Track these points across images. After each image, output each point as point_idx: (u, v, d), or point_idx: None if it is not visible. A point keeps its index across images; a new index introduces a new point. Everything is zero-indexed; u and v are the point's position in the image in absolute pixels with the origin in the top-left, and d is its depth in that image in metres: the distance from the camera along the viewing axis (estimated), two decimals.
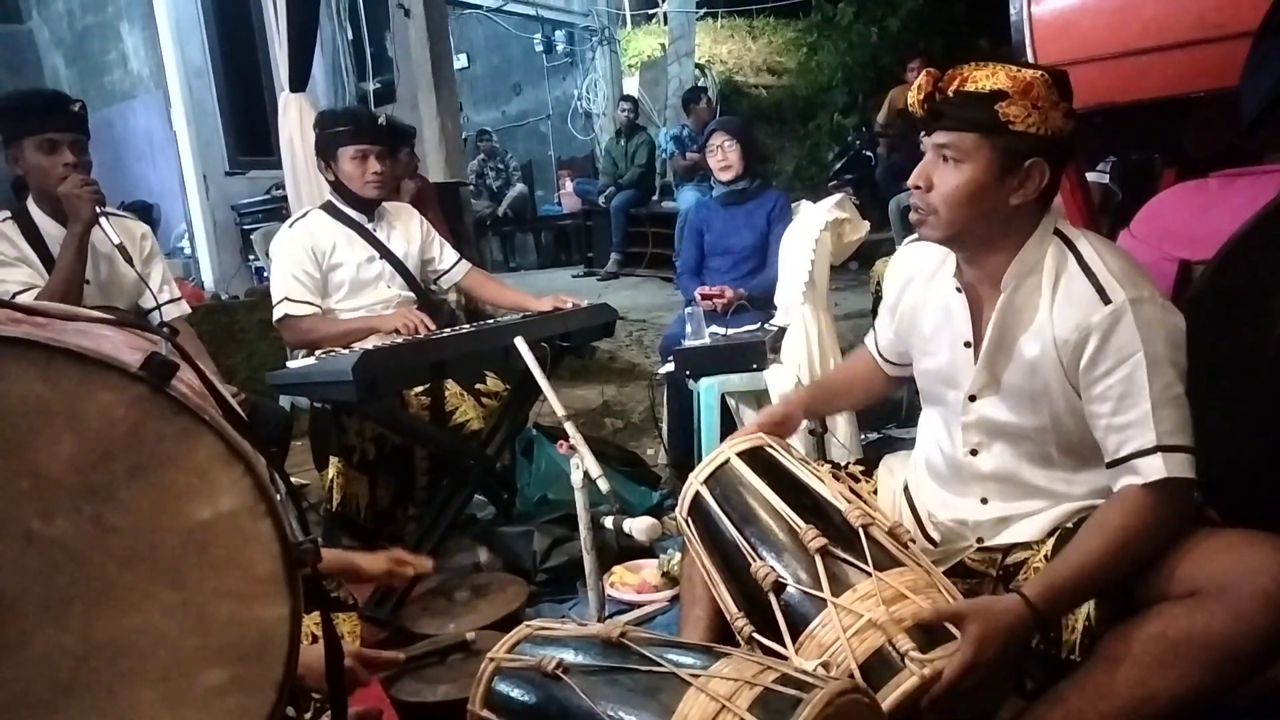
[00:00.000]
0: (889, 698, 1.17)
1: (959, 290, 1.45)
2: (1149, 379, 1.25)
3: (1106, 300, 1.28)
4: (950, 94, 1.32)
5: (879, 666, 1.21)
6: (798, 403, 1.73)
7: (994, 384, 1.42)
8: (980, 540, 1.48)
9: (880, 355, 1.73)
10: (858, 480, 1.67)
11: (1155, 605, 1.22)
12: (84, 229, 2.24)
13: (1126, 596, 1.27)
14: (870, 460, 1.75)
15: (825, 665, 1.23)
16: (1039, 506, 1.43)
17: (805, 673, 1.17)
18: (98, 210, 2.24)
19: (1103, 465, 1.34)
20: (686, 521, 1.53)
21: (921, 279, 1.55)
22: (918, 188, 1.38)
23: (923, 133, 1.41)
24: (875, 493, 1.64)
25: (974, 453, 1.47)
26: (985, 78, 1.29)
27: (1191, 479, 1.26)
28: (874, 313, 3.25)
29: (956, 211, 1.34)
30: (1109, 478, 1.32)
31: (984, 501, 1.48)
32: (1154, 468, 1.25)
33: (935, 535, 1.54)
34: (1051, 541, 1.40)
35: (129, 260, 2.27)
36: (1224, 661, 1.15)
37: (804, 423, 2.31)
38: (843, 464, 1.74)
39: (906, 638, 1.21)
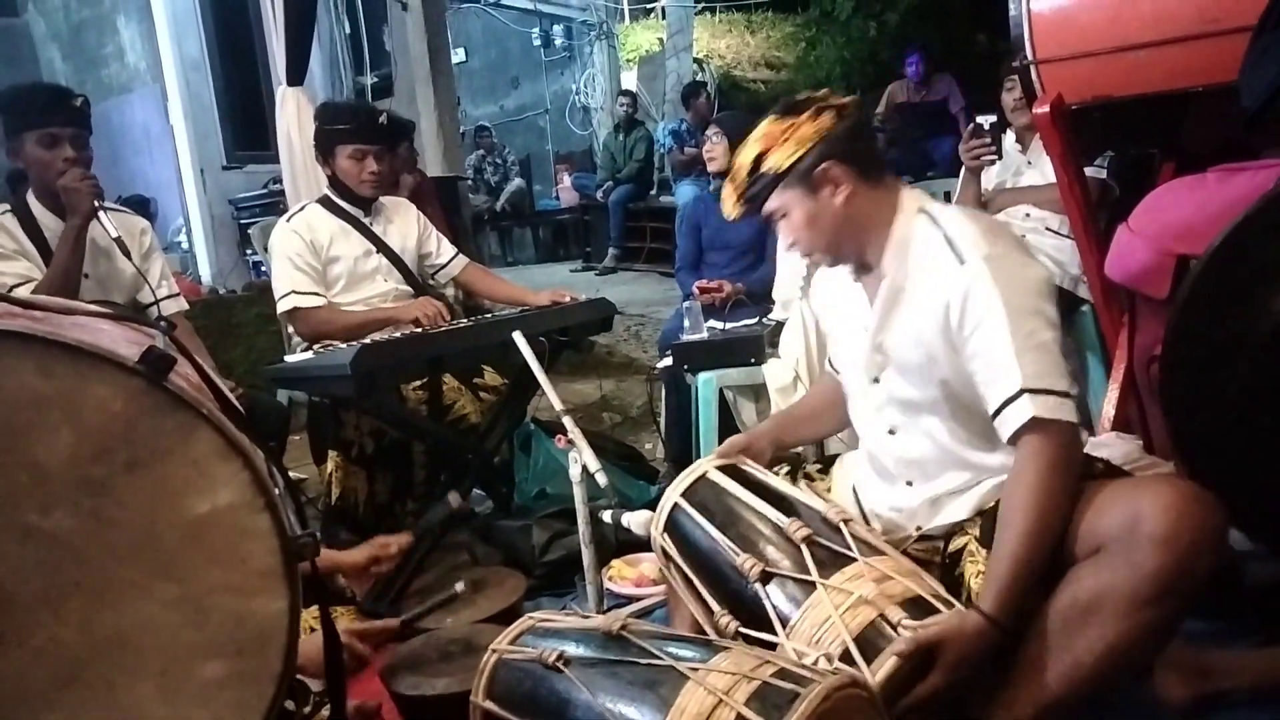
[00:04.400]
0: (886, 664, 1.19)
1: (856, 281, 1.55)
2: (1010, 329, 1.30)
3: (962, 261, 1.35)
4: (743, 179, 1.49)
5: (874, 638, 1.23)
6: (762, 434, 1.75)
7: (887, 362, 1.49)
8: (920, 528, 1.51)
9: (836, 372, 1.77)
10: (813, 480, 1.70)
11: (1070, 571, 1.26)
12: (82, 222, 2.24)
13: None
14: (829, 459, 1.78)
15: (825, 654, 1.24)
16: (961, 481, 1.46)
17: (803, 667, 1.17)
18: (97, 204, 2.24)
19: None
20: (663, 536, 1.55)
21: (833, 288, 1.65)
22: (790, 247, 1.55)
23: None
24: (830, 490, 1.67)
25: (891, 432, 1.52)
26: (743, 155, 1.48)
27: (1068, 421, 1.29)
28: None
29: (817, 238, 1.49)
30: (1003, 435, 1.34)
31: (909, 484, 1.52)
32: (1022, 410, 1.28)
33: (879, 528, 1.57)
34: (980, 522, 1.42)
35: (127, 254, 2.26)
36: (1131, 612, 1.18)
37: None
38: (802, 465, 1.76)
39: (899, 609, 1.24)
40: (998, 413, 1.32)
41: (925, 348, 1.41)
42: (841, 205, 1.44)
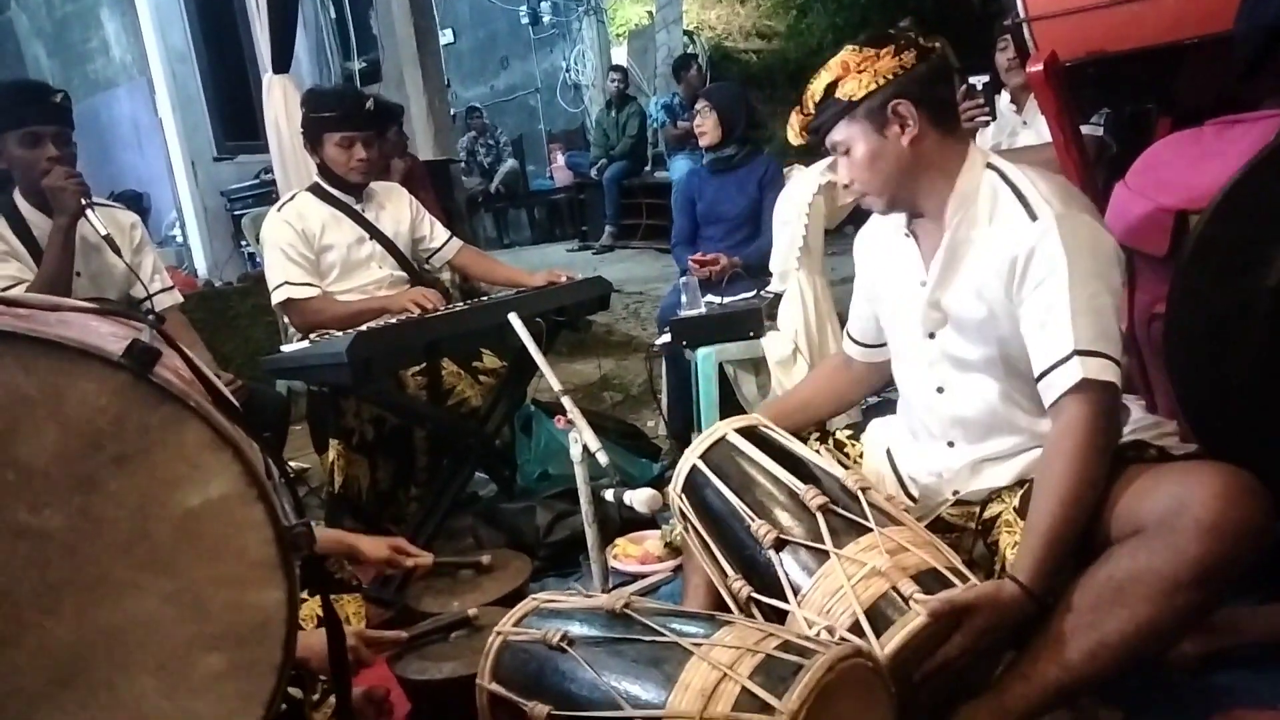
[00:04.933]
0: (896, 637, 1.19)
1: (908, 235, 1.53)
2: (1071, 290, 1.29)
3: (1034, 217, 1.33)
4: (811, 110, 1.48)
5: (885, 609, 1.23)
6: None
7: (945, 317, 1.47)
8: (956, 492, 1.50)
9: (852, 339, 1.76)
10: (843, 445, 1.69)
11: (1106, 549, 1.25)
12: (70, 222, 2.22)
13: (1085, 542, 1.28)
14: (859, 425, 1.76)
15: (829, 625, 1.24)
16: (1005, 446, 1.45)
17: (808, 639, 1.17)
18: (84, 202, 2.22)
19: None
20: (680, 497, 1.55)
21: (880, 244, 1.63)
22: (847, 186, 1.52)
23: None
24: (862, 456, 1.66)
25: (940, 390, 1.50)
26: (816, 82, 1.46)
27: (1113, 384, 1.28)
28: None
29: (875, 179, 1.46)
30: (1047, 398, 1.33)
31: (951, 445, 1.51)
32: (1071, 372, 1.27)
33: (915, 492, 1.56)
34: (1020, 492, 1.42)
35: (117, 251, 2.25)
36: (1167, 595, 1.18)
37: None
38: (830, 430, 1.75)
39: (911, 582, 1.23)
40: (1045, 373, 1.31)
41: (987, 303, 1.39)
42: (907, 147, 1.41)
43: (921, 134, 1.40)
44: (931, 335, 1.49)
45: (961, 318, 1.44)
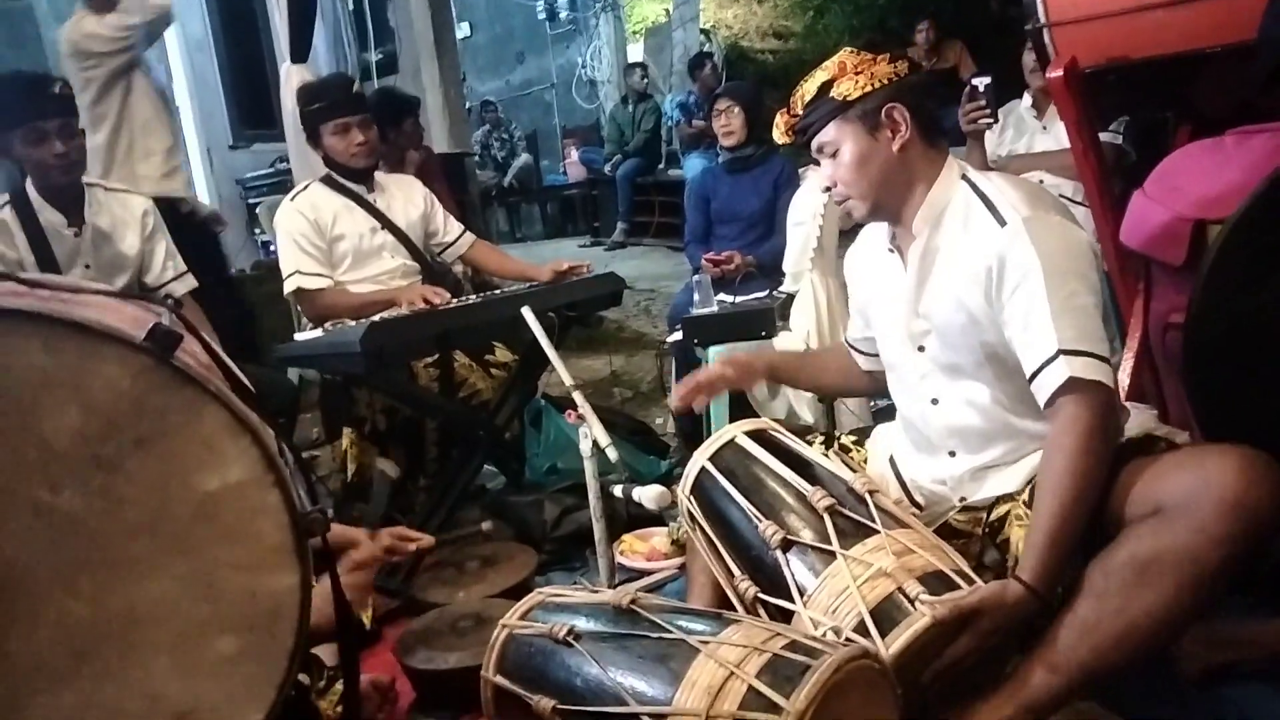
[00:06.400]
0: (901, 637, 1.19)
1: (891, 251, 1.53)
2: (1048, 291, 1.29)
3: (1003, 223, 1.34)
4: (800, 111, 1.48)
5: (890, 610, 1.23)
6: (763, 359, 1.77)
7: (930, 329, 1.47)
8: (963, 499, 1.50)
9: (852, 346, 1.78)
10: (849, 450, 1.69)
11: (1124, 530, 1.24)
12: None
13: (1097, 527, 1.28)
14: (864, 431, 1.77)
15: (835, 626, 1.24)
16: (1005, 451, 1.45)
17: (815, 639, 1.17)
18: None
19: None
20: (689, 498, 1.55)
21: (868, 261, 1.64)
22: (828, 189, 1.52)
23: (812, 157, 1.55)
24: (865, 462, 1.66)
25: (934, 402, 1.50)
26: (810, 81, 1.47)
27: (1104, 384, 1.28)
28: None
29: (861, 181, 1.46)
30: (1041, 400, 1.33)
31: (952, 455, 1.50)
32: (1058, 372, 1.27)
33: (920, 499, 1.56)
34: (1028, 490, 1.41)
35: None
36: (1194, 574, 1.16)
37: (807, 394, 2.41)
38: (836, 435, 1.75)
39: (917, 584, 1.23)
40: (1035, 375, 1.31)
41: (967, 310, 1.40)
42: (897, 152, 1.43)
43: (910, 141, 1.42)
44: (921, 349, 1.50)
45: (944, 325, 1.44)
